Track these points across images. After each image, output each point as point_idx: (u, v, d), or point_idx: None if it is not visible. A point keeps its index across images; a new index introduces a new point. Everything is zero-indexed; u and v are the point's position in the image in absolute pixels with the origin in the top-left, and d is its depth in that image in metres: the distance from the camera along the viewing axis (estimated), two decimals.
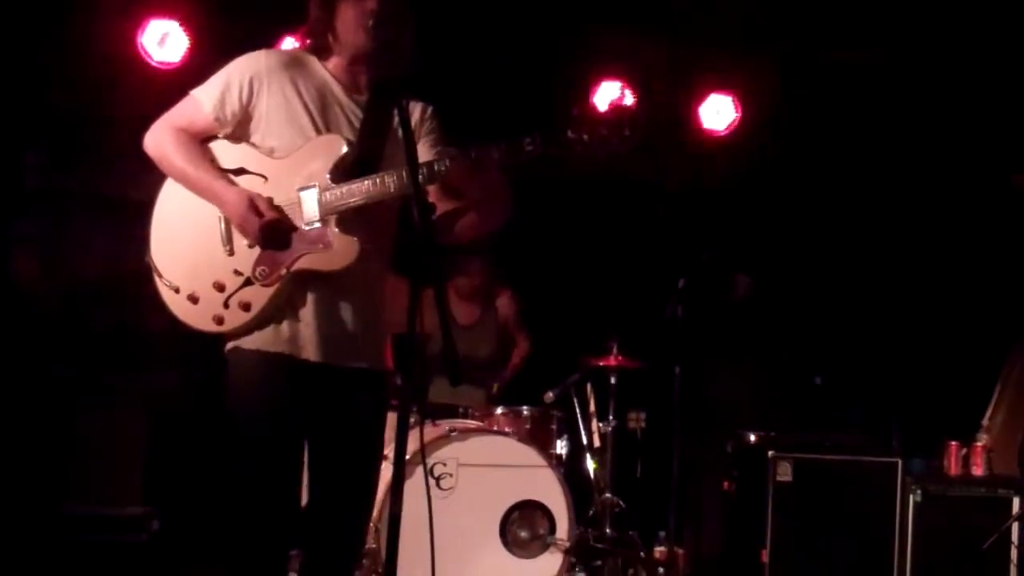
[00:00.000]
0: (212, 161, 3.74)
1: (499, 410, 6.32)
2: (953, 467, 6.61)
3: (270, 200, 3.66)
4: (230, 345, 3.73)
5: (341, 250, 3.65)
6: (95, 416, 6.63)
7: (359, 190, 3.62)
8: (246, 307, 3.66)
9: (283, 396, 3.67)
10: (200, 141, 3.76)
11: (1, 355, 6.65)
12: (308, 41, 3.85)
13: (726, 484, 6.95)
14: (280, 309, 3.67)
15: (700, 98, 7.92)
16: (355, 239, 3.64)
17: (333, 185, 3.65)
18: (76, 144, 7.17)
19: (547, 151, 3.54)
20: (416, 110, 3.87)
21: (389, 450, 3.83)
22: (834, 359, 7.75)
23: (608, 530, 6.54)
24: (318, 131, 3.71)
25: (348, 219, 3.65)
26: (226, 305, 3.67)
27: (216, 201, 3.68)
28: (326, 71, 3.80)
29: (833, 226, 7.88)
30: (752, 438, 6.76)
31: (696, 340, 6.88)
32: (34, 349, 6.82)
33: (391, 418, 3.67)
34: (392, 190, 3.59)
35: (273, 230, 3.62)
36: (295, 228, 3.66)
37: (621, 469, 6.84)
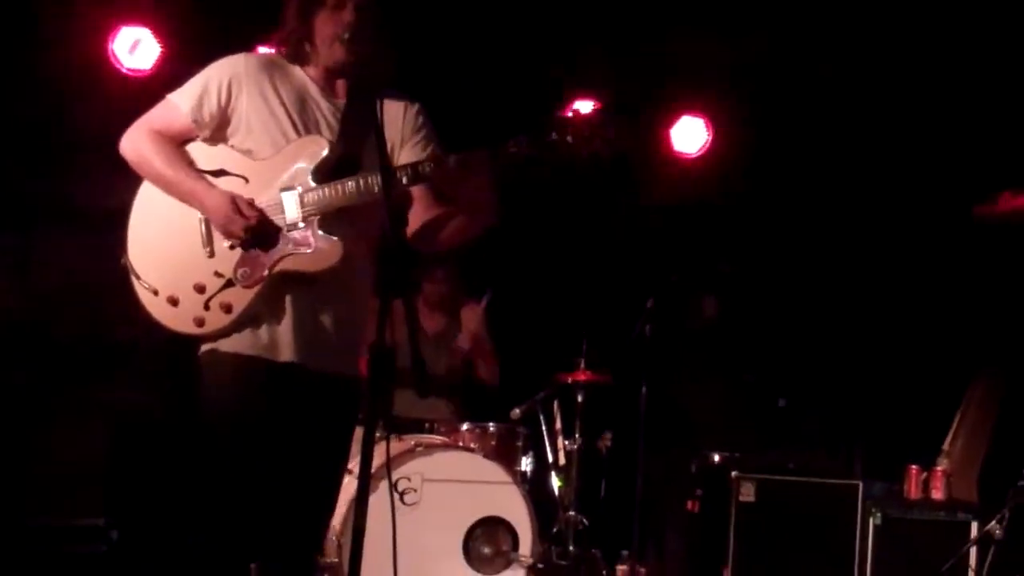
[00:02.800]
0: (191, 164, 3.71)
1: (465, 426, 6.30)
2: (913, 491, 6.65)
3: (251, 201, 3.64)
4: (205, 347, 3.70)
5: (324, 252, 3.63)
6: (56, 427, 6.60)
7: (342, 191, 3.61)
8: (227, 309, 3.63)
9: (260, 398, 3.64)
10: (178, 144, 3.73)
11: None
12: (283, 48, 3.82)
13: (690, 503, 6.95)
14: (261, 311, 3.64)
15: (672, 120, 7.98)
16: (338, 241, 3.63)
17: (315, 186, 3.63)
18: (46, 152, 7.09)
19: (532, 153, 3.56)
20: (400, 109, 3.84)
21: (354, 464, 3.80)
22: (798, 382, 7.79)
23: (571, 547, 6.55)
24: (298, 132, 3.69)
25: (331, 221, 3.63)
26: (207, 307, 3.64)
27: (197, 203, 3.65)
28: (304, 74, 3.79)
29: (800, 249, 7.94)
30: (716, 458, 6.79)
31: (663, 360, 6.90)
32: None
33: (358, 432, 3.61)
34: (377, 191, 3.55)
35: (257, 231, 3.60)
36: (278, 229, 3.63)
37: (586, 487, 6.84)
